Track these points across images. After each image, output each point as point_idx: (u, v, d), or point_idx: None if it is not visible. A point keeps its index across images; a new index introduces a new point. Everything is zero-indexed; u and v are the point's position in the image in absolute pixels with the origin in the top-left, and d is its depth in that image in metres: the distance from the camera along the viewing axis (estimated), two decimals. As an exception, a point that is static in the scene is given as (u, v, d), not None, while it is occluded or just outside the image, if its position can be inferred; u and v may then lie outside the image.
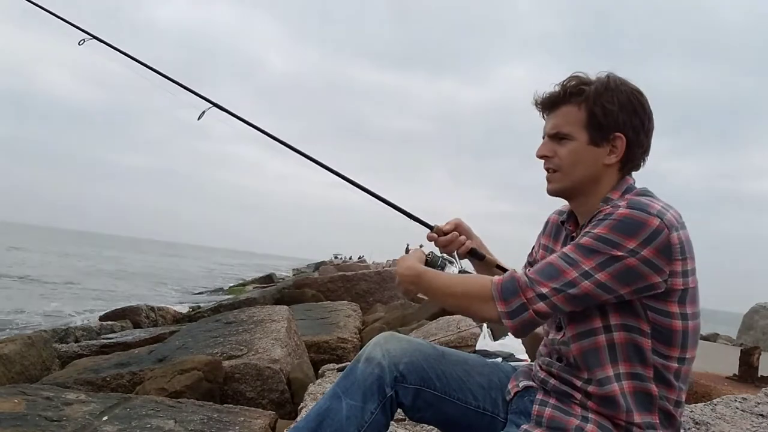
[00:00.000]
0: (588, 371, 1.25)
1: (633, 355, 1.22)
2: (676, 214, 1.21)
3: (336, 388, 1.36)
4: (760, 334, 9.39)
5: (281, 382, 3.60)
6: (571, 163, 1.32)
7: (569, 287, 1.18)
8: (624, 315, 1.21)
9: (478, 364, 1.48)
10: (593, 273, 1.17)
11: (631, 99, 1.28)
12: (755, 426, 2.36)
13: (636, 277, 1.16)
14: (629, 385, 1.22)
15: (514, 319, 1.22)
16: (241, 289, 18.37)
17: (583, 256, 1.19)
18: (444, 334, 4.46)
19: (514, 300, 1.22)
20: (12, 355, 4.28)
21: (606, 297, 1.18)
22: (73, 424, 2.43)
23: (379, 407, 1.33)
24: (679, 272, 1.18)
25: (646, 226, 1.16)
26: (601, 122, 1.28)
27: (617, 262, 1.16)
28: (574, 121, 1.30)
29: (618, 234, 1.17)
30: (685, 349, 1.22)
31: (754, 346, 3.86)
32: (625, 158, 1.30)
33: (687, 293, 1.21)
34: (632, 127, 1.28)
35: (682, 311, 1.21)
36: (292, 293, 9.58)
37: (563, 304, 1.19)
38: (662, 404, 1.23)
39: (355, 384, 1.34)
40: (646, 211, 1.18)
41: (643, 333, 1.21)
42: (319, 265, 33.84)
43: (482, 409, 1.41)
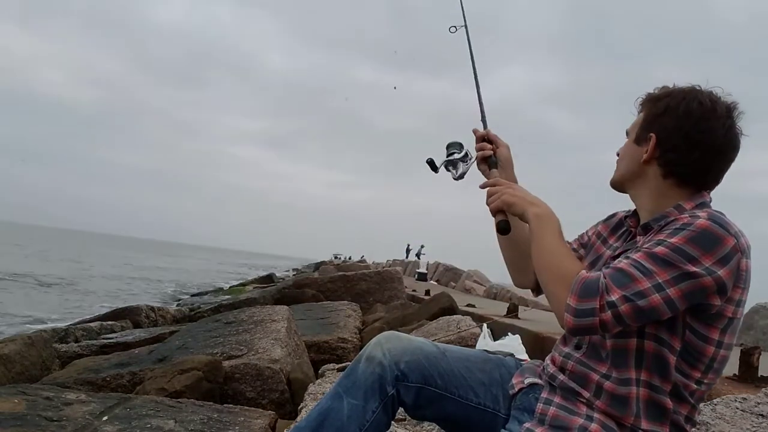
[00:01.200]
0: (610, 368, 1.24)
1: (655, 366, 1.21)
2: (748, 240, 1.19)
3: (337, 388, 1.37)
4: (760, 334, 9.39)
5: (281, 382, 3.60)
6: (622, 156, 1.42)
7: (639, 298, 1.13)
8: (660, 328, 1.19)
9: (479, 360, 1.48)
10: (666, 287, 1.13)
11: (678, 104, 1.30)
12: (755, 426, 2.36)
13: (703, 294, 1.14)
14: (645, 393, 1.22)
15: (578, 318, 1.17)
16: (241, 289, 18.36)
17: (658, 267, 1.14)
18: (444, 334, 4.46)
19: (588, 302, 1.16)
20: (12, 355, 4.28)
21: (668, 315, 1.15)
22: (73, 424, 2.43)
23: (380, 406, 1.34)
24: (735, 300, 1.18)
25: (723, 245, 1.14)
26: (646, 124, 1.36)
27: (690, 279, 1.12)
28: (636, 121, 1.41)
29: (696, 247, 1.13)
30: (707, 373, 1.22)
31: (754, 346, 3.85)
32: (660, 160, 1.31)
33: (732, 323, 1.20)
34: (665, 128, 1.30)
35: (720, 339, 1.19)
36: (292, 293, 9.58)
37: (628, 316, 1.14)
38: (675, 418, 1.22)
39: (356, 383, 1.34)
40: (726, 229, 1.15)
41: (672, 350, 1.20)
42: (319, 265, 33.84)
43: (483, 406, 1.41)
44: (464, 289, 18.33)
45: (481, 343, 3.65)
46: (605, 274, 1.18)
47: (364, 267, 21.77)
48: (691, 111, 1.29)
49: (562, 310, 1.20)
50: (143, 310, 9.23)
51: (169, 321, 9.23)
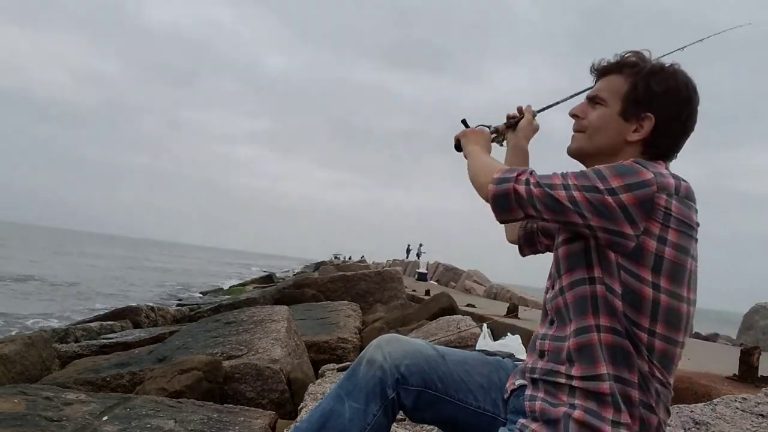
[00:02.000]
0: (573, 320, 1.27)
1: (609, 311, 1.23)
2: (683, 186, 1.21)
3: (339, 390, 1.36)
4: (760, 334, 9.38)
5: (281, 382, 3.60)
6: (597, 126, 1.36)
7: (549, 188, 1.24)
8: (603, 270, 1.23)
9: (478, 364, 1.48)
10: (572, 188, 1.22)
11: (680, 89, 1.30)
12: (755, 426, 2.36)
13: (607, 215, 1.18)
14: (608, 338, 1.23)
15: (497, 185, 1.31)
16: (241, 289, 18.36)
17: (574, 176, 1.24)
18: (444, 334, 4.46)
19: (509, 173, 1.31)
20: (12, 355, 4.28)
21: (575, 218, 1.21)
22: (73, 424, 2.43)
23: (381, 409, 1.34)
24: (654, 234, 1.18)
25: (636, 174, 1.18)
26: (639, 98, 1.31)
27: (596, 192, 1.19)
28: (615, 89, 1.34)
29: (609, 170, 1.21)
30: (656, 321, 1.21)
31: (754, 346, 3.86)
32: (649, 141, 1.31)
33: (663, 263, 1.19)
34: (667, 114, 1.30)
35: (654, 280, 1.19)
36: (292, 293, 9.58)
37: (537, 198, 1.25)
38: (640, 365, 1.22)
39: (357, 386, 1.34)
40: (644, 166, 1.20)
41: (615, 293, 1.22)
42: (319, 265, 33.84)
43: (482, 410, 1.41)
44: (464, 289, 18.33)
45: (481, 343, 3.65)
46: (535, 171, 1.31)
47: (364, 267, 21.77)
48: (691, 100, 1.30)
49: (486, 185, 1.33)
50: (143, 310, 9.23)
51: (169, 321, 9.23)
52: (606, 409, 1.21)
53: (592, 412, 1.21)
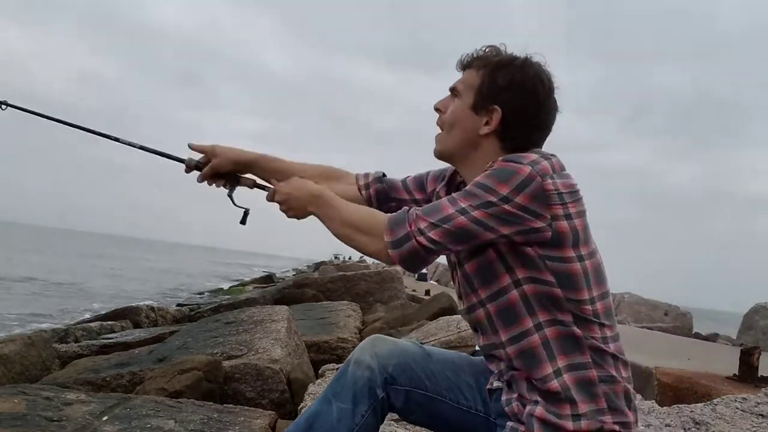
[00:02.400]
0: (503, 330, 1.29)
1: (547, 303, 1.25)
2: (555, 162, 1.25)
3: (326, 393, 1.36)
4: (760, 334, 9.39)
5: (281, 382, 3.60)
6: (451, 122, 1.38)
7: (445, 222, 1.22)
8: (528, 268, 1.25)
9: (465, 364, 1.48)
10: (469, 210, 1.21)
11: (525, 82, 1.32)
12: (755, 426, 2.37)
13: (514, 221, 1.20)
14: (552, 332, 1.25)
15: (398, 248, 1.25)
16: (241, 289, 18.37)
17: (462, 197, 1.24)
18: (444, 334, 4.46)
19: (400, 229, 1.26)
20: (12, 355, 4.28)
21: (487, 234, 1.22)
22: (73, 424, 2.43)
23: (369, 409, 1.33)
24: (561, 215, 1.22)
25: (517, 174, 1.20)
26: (486, 91, 1.34)
27: (493, 206, 1.20)
28: (469, 83, 1.37)
29: (492, 180, 1.22)
30: (591, 288, 1.26)
31: (754, 346, 3.86)
32: (501, 134, 1.34)
33: (578, 235, 1.24)
34: (512, 107, 1.32)
35: (577, 253, 1.24)
36: (292, 293, 9.58)
37: (442, 239, 1.23)
38: (590, 343, 1.25)
39: (345, 387, 1.34)
40: (518, 162, 1.23)
41: (549, 283, 1.24)
42: (319, 265, 33.85)
43: (474, 410, 1.41)
44: (464, 289, 18.31)
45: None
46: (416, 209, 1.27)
47: (364, 267, 21.77)
48: (537, 90, 1.33)
49: (385, 252, 1.27)
50: (143, 310, 9.23)
51: (169, 321, 9.24)
52: (562, 406, 1.24)
53: (551, 409, 1.24)
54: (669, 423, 2.39)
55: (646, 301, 15.99)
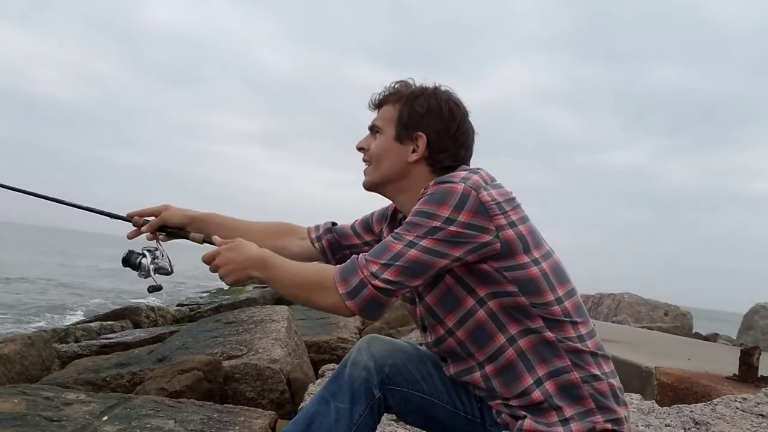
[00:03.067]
0: (478, 352, 1.29)
1: (515, 314, 1.26)
2: (483, 175, 1.27)
3: (323, 392, 1.37)
4: (760, 334, 9.39)
5: (281, 382, 3.60)
6: (378, 155, 1.41)
7: (397, 260, 1.21)
8: (488, 285, 1.25)
9: None
10: (417, 242, 1.21)
11: (441, 106, 1.38)
12: (755, 426, 2.37)
13: (462, 241, 1.21)
14: (526, 342, 1.26)
15: (355, 298, 1.22)
16: (241, 289, 18.35)
17: (407, 230, 1.24)
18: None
19: (353, 278, 1.23)
20: (12, 355, 4.28)
21: (442, 261, 1.21)
22: (73, 424, 2.43)
23: (367, 409, 1.34)
24: (505, 225, 1.23)
25: (452, 194, 1.22)
26: (407, 121, 1.39)
27: (438, 231, 1.21)
28: (387, 117, 1.42)
29: (430, 205, 1.23)
30: (554, 288, 1.27)
31: (754, 346, 3.86)
32: (429, 159, 1.38)
33: (526, 240, 1.25)
34: (435, 131, 1.37)
35: (531, 258, 1.25)
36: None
37: (398, 277, 1.21)
38: (566, 345, 1.26)
39: (342, 387, 1.34)
40: (450, 181, 1.25)
41: (512, 293, 1.25)
42: (319, 265, 33.76)
43: (471, 415, 1.41)
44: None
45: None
46: (364, 254, 1.26)
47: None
48: (454, 113, 1.38)
49: (343, 305, 1.23)
50: (143, 310, 9.23)
51: (169, 321, 9.23)
52: (548, 414, 1.25)
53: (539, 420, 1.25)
54: (669, 423, 2.39)
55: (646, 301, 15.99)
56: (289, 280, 1.32)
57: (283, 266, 1.32)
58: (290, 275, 1.32)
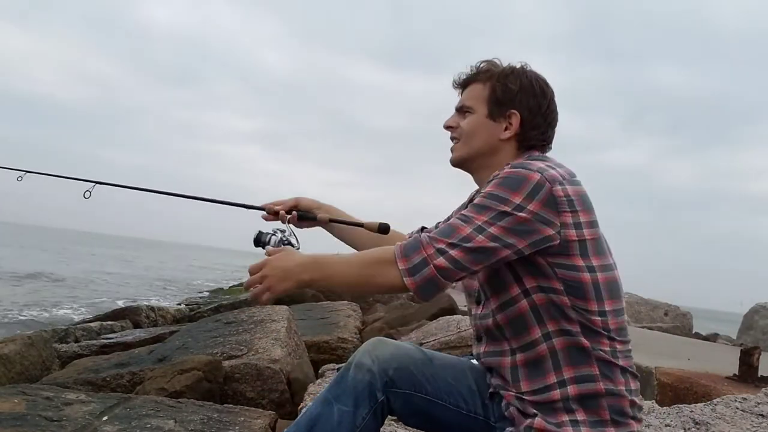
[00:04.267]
0: (513, 339, 1.30)
1: (555, 313, 1.26)
2: (563, 171, 1.28)
3: (326, 395, 1.36)
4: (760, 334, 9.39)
5: (281, 382, 3.60)
6: (469, 132, 1.43)
7: (465, 242, 1.21)
8: (537, 277, 1.26)
9: (465, 368, 1.48)
10: (486, 227, 1.21)
11: (533, 84, 1.40)
12: (755, 426, 2.37)
13: (528, 230, 1.21)
14: (560, 342, 1.26)
15: (415, 276, 1.22)
16: (241, 289, 18.35)
17: (476, 213, 1.24)
18: (444, 334, 4.46)
19: (415, 256, 1.23)
20: (12, 355, 4.27)
21: (505, 251, 1.22)
22: (73, 424, 2.43)
23: (370, 412, 1.34)
24: (570, 224, 1.23)
25: (527, 181, 1.23)
26: (500, 99, 1.39)
27: (507, 216, 1.22)
28: (477, 96, 1.42)
29: (503, 189, 1.24)
30: (602, 300, 1.26)
31: (754, 346, 3.86)
32: (520, 136, 1.40)
33: (587, 245, 1.25)
34: (528, 108, 1.38)
35: (587, 264, 1.25)
36: (292, 293, 9.55)
37: (463, 259, 1.21)
38: (598, 354, 1.25)
39: (346, 390, 1.34)
40: (526, 168, 1.26)
41: (558, 291, 1.25)
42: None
43: (474, 414, 1.41)
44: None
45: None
46: (429, 232, 1.27)
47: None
48: (545, 91, 1.40)
49: (401, 281, 1.22)
50: (143, 310, 9.22)
51: (169, 321, 9.23)
52: (559, 415, 1.25)
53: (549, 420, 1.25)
54: (669, 423, 2.39)
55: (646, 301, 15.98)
56: (346, 270, 1.30)
57: (338, 260, 1.32)
58: (347, 265, 1.31)
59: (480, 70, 1.44)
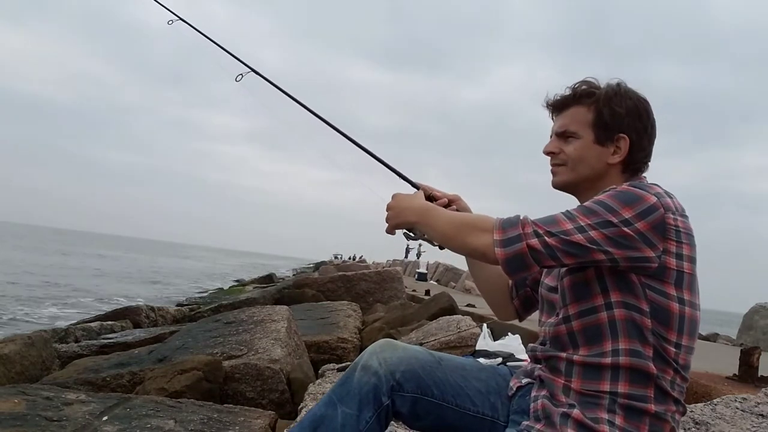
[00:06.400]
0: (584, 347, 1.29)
1: (633, 332, 1.25)
2: (678, 204, 1.27)
3: (331, 396, 1.36)
4: (760, 334, 9.39)
5: (281, 382, 3.60)
6: (576, 158, 1.40)
7: (564, 234, 1.22)
8: (624, 293, 1.25)
9: (475, 369, 1.48)
10: (587, 229, 1.22)
11: (637, 105, 1.38)
12: (755, 426, 2.37)
13: (629, 245, 1.21)
14: (627, 361, 1.25)
15: (506, 247, 1.24)
16: (241, 289, 18.36)
17: (582, 214, 1.24)
18: (444, 334, 4.46)
19: (512, 230, 1.25)
20: (12, 355, 4.28)
21: (599, 255, 1.21)
22: (73, 424, 2.43)
23: (374, 416, 1.33)
24: (672, 252, 1.23)
25: (642, 201, 1.23)
26: (608, 123, 1.37)
27: (612, 227, 1.21)
28: (581, 120, 1.40)
29: (616, 201, 1.23)
30: (682, 334, 1.26)
31: (754, 346, 3.87)
32: (628, 159, 1.38)
33: (683, 278, 1.25)
34: (636, 131, 1.37)
35: (679, 295, 1.25)
36: (292, 293, 9.56)
37: (556, 248, 1.22)
38: (659, 382, 1.25)
39: (351, 392, 1.34)
40: (644, 190, 1.25)
41: (643, 312, 1.24)
42: (319, 265, 33.83)
43: (481, 414, 1.41)
44: (464, 289, 18.33)
45: (481, 343, 3.65)
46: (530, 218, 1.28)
47: (364, 267, 21.77)
48: (649, 112, 1.39)
49: (492, 249, 1.25)
50: (143, 310, 9.23)
51: (169, 321, 9.23)
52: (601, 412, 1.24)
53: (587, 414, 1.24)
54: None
55: (646, 301, 15.99)
56: (446, 222, 1.37)
57: (443, 212, 1.40)
58: (449, 218, 1.38)
59: (581, 93, 1.41)
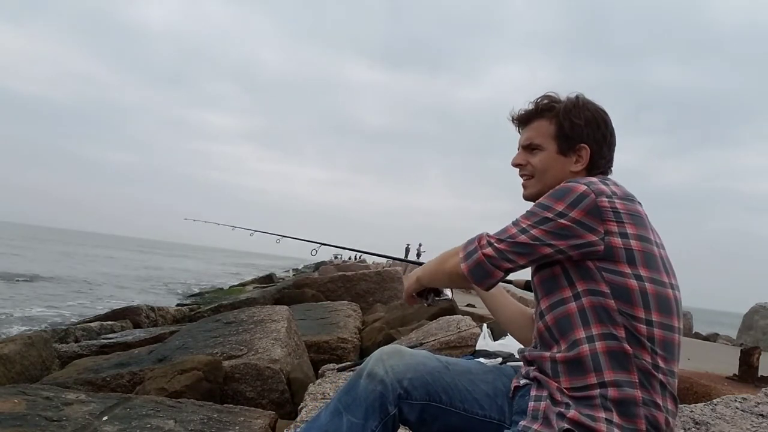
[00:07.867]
0: (561, 339, 1.34)
1: (602, 316, 1.29)
2: (617, 189, 1.35)
3: (337, 404, 1.36)
4: (760, 334, 9.40)
5: (281, 382, 3.60)
6: (542, 169, 1.50)
7: (510, 238, 1.36)
8: (587, 281, 1.32)
9: (481, 372, 1.49)
10: (529, 229, 1.35)
11: (595, 116, 1.48)
12: (755, 426, 2.37)
13: (569, 234, 1.31)
14: (602, 346, 1.28)
15: (468, 260, 1.40)
16: (241, 289, 18.36)
17: (524, 217, 1.38)
18: (444, 334, 4.46)
19: (470, 246, 1.41)
20: (12, 355, 4.28)
21: (546, 249, 1.33)
22: (73, 424, 2.43)
23: (380, 425, 1.33)
24: (615, 232, 1.29)
25: (572, 192, 1.33)
26: (568, 134, 1.47)
27: (549, 222, 1.33)
28: (545, 133, 1.50)
29: (550, 199, 1.35)
30: (650, 310, 1.29)
31: (754, 346, 3.87)
32: (590, 166, 1.48)
33: (634, 255, 1.30)
34: (595, 140, 1.47)
35: (634, 272, 1.29)
36: (292, 293, 9.56)
37: (506, 251, 1.36)
38: (639, 363, 1.27)
39: (356, 400, 1.34)
40: (575, 182, 1.35)
41: (605, 294, 1.29)
42: (319, 265, 33.84)
43: (489, 418, 1.41)
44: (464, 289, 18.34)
45: (481, 343, 3.65)
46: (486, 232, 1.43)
47: (364, 267, 21.76)
48: (606, 121, 1.49)
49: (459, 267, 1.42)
50: (143, 310, 9.23)
51: (169, 321, 9.24)
52: (597, 410, 1.25)
53: (584, 413, 1.25)
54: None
55: (646, 301, 16.01)
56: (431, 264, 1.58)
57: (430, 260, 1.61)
58: (432, 260, 1.59)
59: (542, 107, 1.50)
